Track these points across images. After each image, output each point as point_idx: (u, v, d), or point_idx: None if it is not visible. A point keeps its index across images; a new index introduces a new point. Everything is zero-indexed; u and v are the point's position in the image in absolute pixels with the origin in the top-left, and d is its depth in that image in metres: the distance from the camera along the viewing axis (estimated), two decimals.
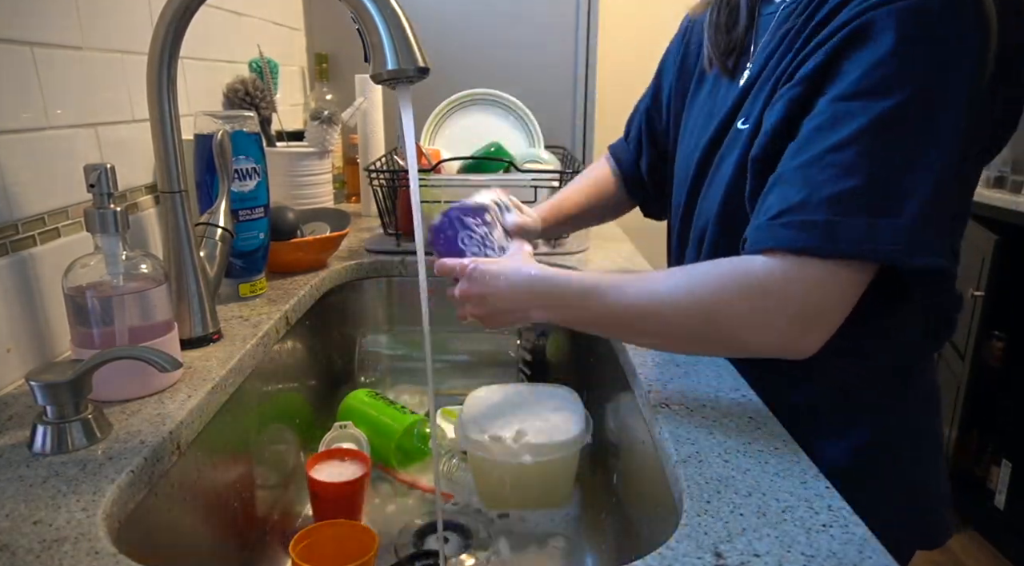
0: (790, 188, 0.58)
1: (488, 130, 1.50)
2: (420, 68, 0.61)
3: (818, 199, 0.56)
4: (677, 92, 0.88)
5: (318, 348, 1.04)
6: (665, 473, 0.57)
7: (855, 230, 0.54)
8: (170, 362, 0.56)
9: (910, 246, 0.54)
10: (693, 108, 0.83)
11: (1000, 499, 2.01)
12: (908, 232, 0.54)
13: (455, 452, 0.91)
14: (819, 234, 0.55)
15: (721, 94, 0.77)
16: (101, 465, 0.52)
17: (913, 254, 0.55)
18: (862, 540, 0.45)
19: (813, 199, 0.56)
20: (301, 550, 0.67)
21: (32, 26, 0.71)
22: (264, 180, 0.91)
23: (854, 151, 0.55)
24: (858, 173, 0.55)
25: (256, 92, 1.22)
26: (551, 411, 0.82)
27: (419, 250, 0.66)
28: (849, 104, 0.56)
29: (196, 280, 0.75)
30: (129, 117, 0.88)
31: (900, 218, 0.54)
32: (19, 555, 0.43)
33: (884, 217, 0.54)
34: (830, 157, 0.56)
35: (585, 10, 1.70)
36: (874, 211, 0.55)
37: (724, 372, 0.72)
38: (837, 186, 0.55)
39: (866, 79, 0.56)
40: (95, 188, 0.61)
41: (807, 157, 0.57)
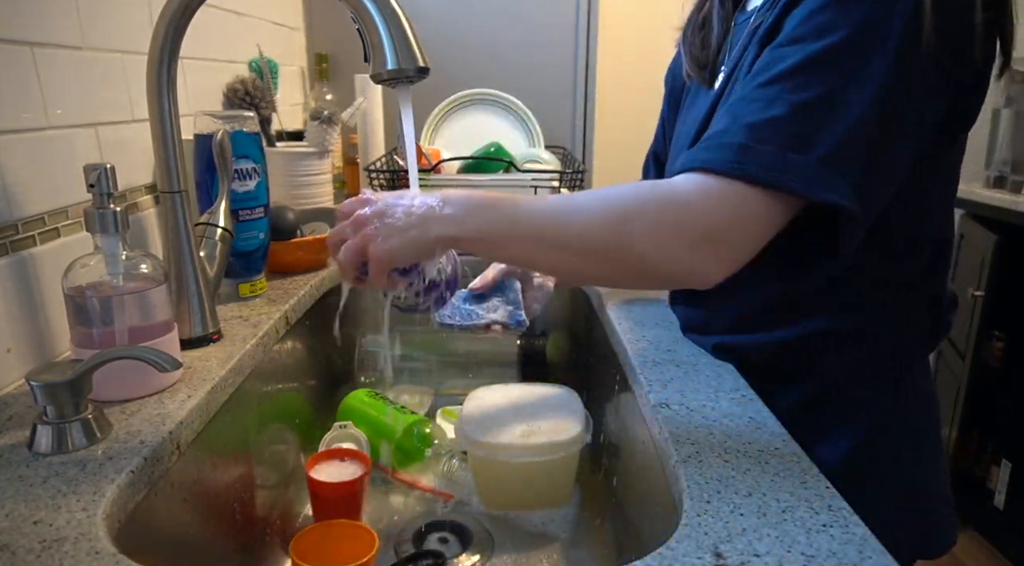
0: (719, 121, 0.61)
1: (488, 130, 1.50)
2: (420, 68, 0.61)
3: (738, 126, 0.58)
4: (670, 118, 0.90)
5: (318, 348, 1.04)
6: (665, 473, 0.57)
7: (765, 156, 0.56)
8: (170, 362, 0.56)
9: (814, 180, 0.55)
10: (680, 123, 0.85)
11: (1000, 499, 2.01)
12: (814, 167, 0.56)
13: (455, 452, 0.91)
14: (731, 154, 0.57)
15: (700, 102, 0.78)
16: (101, 465, 0.52)
17: (816, 188, 0.55)
18: (862, 540, 0.45)
19: (734, 126, 0.58)
20: (301, 550, 0.67)
21: (32, 26, 0.71)
22: (264, 180, 0.91)
23: (779, 87, 0.58)
24: (778, 106, 0.57)
25: (256, 92, 1.22)
26: (551, 411, 0.82)
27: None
28: (784, 49, 0.59)
29: (196, 280, 0.75)
30: (129, 117, 0.88)
31: (810, 154, 0.56)
32: (19, 555, 0.43)
33: (794, 151, 0.56)
34: (758, 92, 0.59)
35: (585, 10, 1.70)
36: (787, 143, 0.56)
37: (724, 372, 0.72)
38: (757, 116, 0.58)
39: (801, 27, 0.59)
40: (95, 188, 0.61)
41: (739, 94, 0.61)
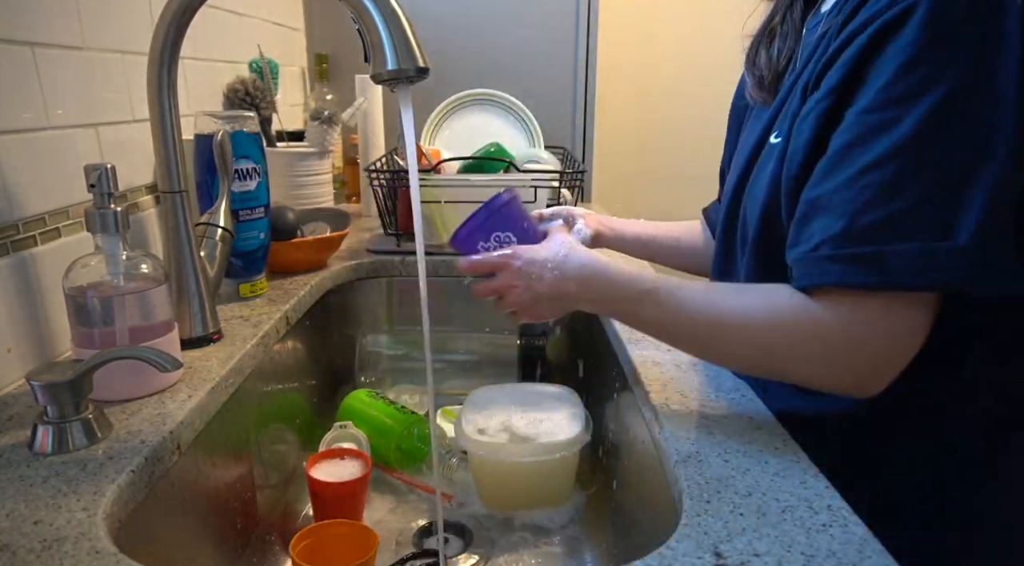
0: (829, 215, 0.53)
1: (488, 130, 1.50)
2: (420, 68, 0.61)
3: (860, 227, 0.50)
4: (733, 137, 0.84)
5: (318, 348, 1.04)
6: (665, 473, 0.57)
7: (907, 258, 0.49)
8: (170, 362, 0.56)
9: (973, 269, 0.48)
10: (742, 136, 0.79)
11: None
12: (969, 253, 0.48)
13: (455, 452, 0.91)
14: (869, 268, 0.50)
15: (763, 116, 0.70)
16: (101, 465, 0.52)
17: (978, 277, 0.49)
18: (862, 540, 0.45)
19: (856, 227, 0.51)
20: (301, 550, 0.67)
21: (32, 26, 0.71)
22: (264, 180, 0.91)
23: (892, 168, 0.50)
24: (901, 193, 0.49)
25: (256, 92, 1.22)
26: (551, 411, 0.82)
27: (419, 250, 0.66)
28: (881, 114, 0.51)
29: (196, 280, 0.75)
30: (129, 117, 0.88)
31: (957, 239, 0.48)
32: (19, 555, 0.43)
33: (939, 240, 0.48)
34: (868, 177, 0.50)
35: (585, 10, 1.69)
36: (926, 234, 0.49)
37: (724, 372, 0.72)
38: (880, 211, 0.50)
39: (895, 85, 0.50)
40: (95, 188, 0.61)
41: (843, 178, 0.52)
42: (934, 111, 0.49)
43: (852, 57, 0.53)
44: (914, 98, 0.49)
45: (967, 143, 0.49)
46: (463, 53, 1.70)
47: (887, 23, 0.51)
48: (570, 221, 0.90)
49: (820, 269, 0.53)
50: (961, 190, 0.49)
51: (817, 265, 0.53)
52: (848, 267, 0.51)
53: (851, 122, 0.53)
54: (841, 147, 0.53)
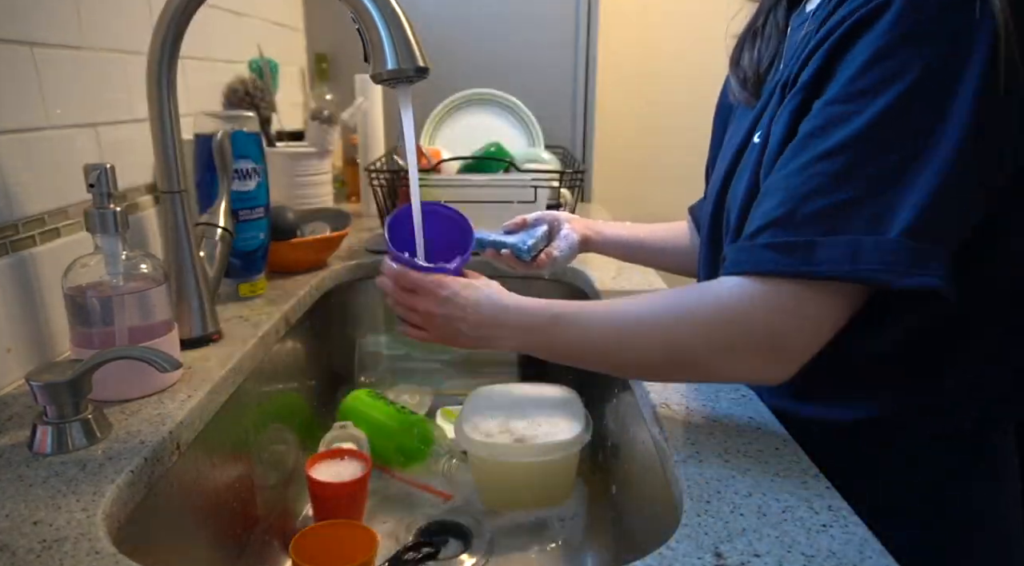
0: (773, 200, 0.54)
1: (488, 130, 1.50)
2: (420, 68, 0.61)
3: (801, 216, 0.51)
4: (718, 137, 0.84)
5: (318, 348, 1.04)
6: (665, 473, 0.57)
7: (835, 249, 0.50)
8: (170, 362, 0.56)
9: (897, 264, 0.48)
10: (727, 137, 0.78)
11: None
12: (896, 249, 0.48)
13: (455, 452, 0.91)
14: (798, 258, 0.51)
15: (748, 115, 0.71)
16: (101, 465, 0.52)
17: (901, 273, 0.48)
18: (862, 540, 0.45)
19: (797, 215, 0.51)
20: (301, 550, 0.67)
21: (32, 26, 0.71)
22: (264, 180, 0.91)
23: (844, 159, 0.50)
24: (847, 185, 0.50)
25: (256, 92, 1.22)
26: (551, 411, 0.82)
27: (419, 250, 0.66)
28: (844, 106, 0.51)
29: (196, 280, 0.75)
30: (129, 117, 0.88)
31: (888, 233, 0.49)
32: (19, 555, 0.43)
33: (870, 234, 0.49)
34: (820, 165, 0.51)
35: (585, 10, 1.70)
36: (860, 228, 0.49)
37: None
38: (823, 200, 0.51)
39: (860, 78, 0.51)
40: (95, 188, 0.61)
41: (797, 165, 0.53)
42: (892, 107, 0.49)
43: (826, 51, 0.54)
44: (874, 93, 0.50)
45: (917, 141, 0.49)
46: (463, 53, 1.70)
47: (861, 18, 0.51)
48: (555, 226, 0.90)
49: (752, 256, 0.53)
50: (903, 187, 0.49)
51: (751, 252, 0.54)
52: (780, 256, 0.52)
53: (816, 112, 0.54)
54: (803, 136, 0.54)
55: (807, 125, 0.54)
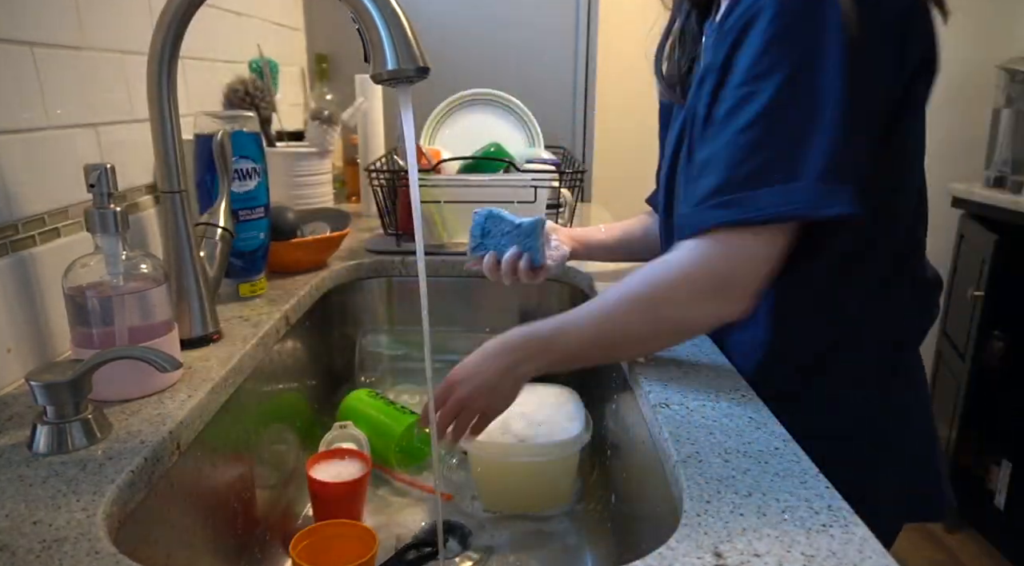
0: (709, 176, 0.65)
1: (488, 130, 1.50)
2: (420, 68, 0.61)
3: (736, 178, 0.63)
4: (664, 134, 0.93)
5: (318, 348, 1.04)
6: (665, 473, 0.57)
7: (769, 197, 0.61)
8: (170, 362, 0.56)
9: (815, 201, 0.60)
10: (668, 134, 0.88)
11: (1000, 499, 2.01)
12: (812, 190, 0.60)
13: (455, 452, 0.91)
14: (739, 209, 0.62)
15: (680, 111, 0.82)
16: (101, 465, 0.52)
17: (821, 207, 0.60)
18: (862, 540, 0.45)
19: (732, 179, 0.63)
20: (301, 550, 0.67)
21: (32, 26, 0.71)
22: (264, 180, 0.91)
23: (759, 128, 0.62)
24: (765, 148, 0.62)
25: (256, 92, 1.22)
26: (551, 411, 0.82)
27: (419, 250, 0.66)
28: (749, 87, 0.63)
29: (196, 280, 0.75)
30: (129, 117, 0.88)
31: (805, 179, 0.60)
32: (19, 555, 0.43)
33: (792, 181, 0.61)
34: (741, 137, 0.63)
35: (585, 10, 1.70)
36: (782, 179, 0.61)
37: (724, 372, 0.72)
38: (750, 164, 0.62)
39: (756, 65, 0.63)
40: (95, 188, 0.61)
41: (721, 142, 0.64)
42: (782, 86, 0.61)
43: (729, 37, 0.66)
44: (768, 75, 0.62)
45: (811, 104, 0.61)
46: (463, 53, 1.70)
47: (749, 18, 0.64)
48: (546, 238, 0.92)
49: (702, 217, 0.64)
50: (807, 141, 0.61)
51: (701, 214, 0.64)
52: (724, 211, 0.63)
53: (727, 94, 0.65)
54: (723, 114, 0.65)
55: (723, 107, 0.65)
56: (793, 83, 0.61)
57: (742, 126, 0.63)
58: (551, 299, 1.16)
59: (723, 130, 0.65)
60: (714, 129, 0.66)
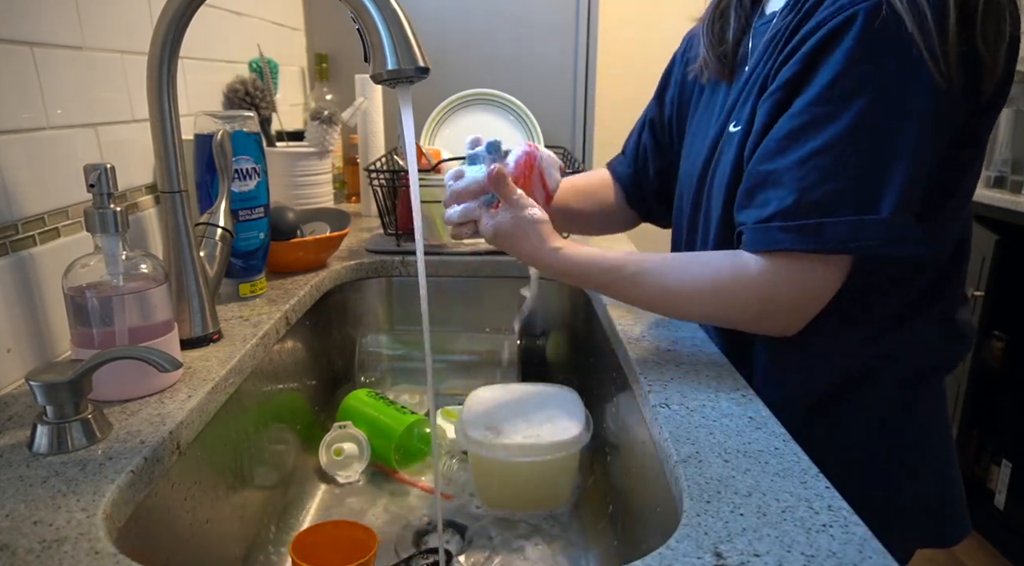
0: (782, 189, 0.63)
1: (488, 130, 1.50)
2: (420, 68, 0.61)
3: (807, 203, 0.61)
4: (679, 104, 0.91)
5: (318, 348, 1.04)
6: (665, 473, 0.57)
7: (841, 230, 0.60)
8: (170, 362, 0.56)
9: (892, 238, 0.59)
10: (695, 118, 0.85)
11: (1000, 499, 2.01)
12: (889, 225, 0.59)
13: (455, 452, 0.91)
14: (810, 237, 0.61)
15: (718, 101, 0.79)
16: (101, 465, 0.52)
17: (895, 243, 0.60)
18: (862, 540, 0.45)
19: (803, 203, 0.61)
20: (301, 550, 0.67)
21: (32, 26, 0.71)
22: (264, 180, 0.91)
23: (836, 153, 0.60)
24: (842, 175, 0.60)
25: (256, 92, 1.22)
26: (551, 411, 0.82)
27: (419, 250, 0.66)
28: (826, 108, 0.61)
29: (196, 280, 0.75)
30: (129, 117, 0.88)
31: (880, 212, 0.59)
32: (19, 555, 0.43)
33: (867, 214, 0.60)
34: (814, 161, 0.61)
35: (585, 10, 1.70)
36: (858, 210, 0.60)
37: (724, 372, 0.72)
38: (823, 189, 0.61)
39: (840, 81, 0.60)
40: (95, 188, 0.61)
41: (795, 159, 0.62)
42: (866, 109, 0.59)
43: (804, 56, 0.63)
44: (852, 96, 0.59)
45: (889, 136, 0.59)
46: (463, 53, 1.70)
47: (833, 29, 0.60)
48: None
49: (772, 238, 0.63)
50: (883, 175, 0.59)
51: (769, 234, 0.63)
52: (795, 236, 0.62)
53: (799, 110, 0.63)
54: (792, 130, 0.63)
55: (793, 122, 0.63)
56: (878, 105, 0.59)
57: (817, 149, 0.61)
58: (552, 299, 1.16)
59: (793, 148, 0.62)
60: (779, 144, 0.64)
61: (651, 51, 2.12)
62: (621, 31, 2.39)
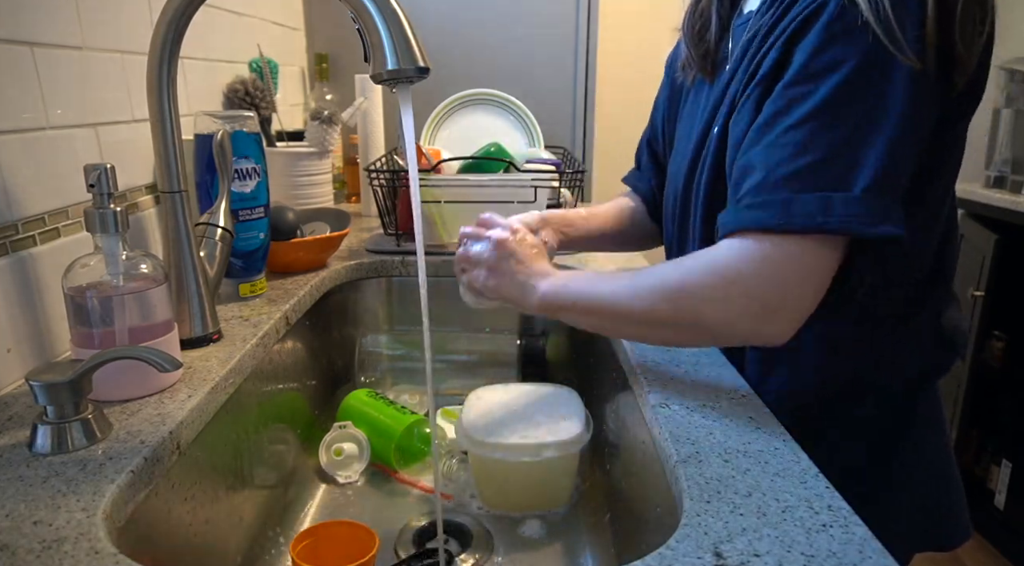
0: (752, 174, 0.60)
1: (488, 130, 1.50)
2: (420, 68, 0.61)
3: (775, 178, 0.58)
4: (669, 112, 0.90)
5: (318, 348, 1.04)
6: (665, 473, 0.57)
7: (809, 204, 0.56)
8: (170, 362, 0.56)
9: (864, 216, 0.56)
10: (682, 120, 0.85)
11: (1000, 499, 2.01)
12: (861, 203, 0.56)
13: (455, 452, 0.91)
14: (775, 212, 0.57)
15: (701, 103, 0.78)
16: (101, 465, 0.52)
17: (868, 224, 0.56)
18: (862, 540, 0.45)
19: (771, 178, 0.58)
20: (301, 550, 0.67)
21: (32, 26, 0.71)
22: (264, 180, 0.91)
23: (808, 128, 0.57)
24: (812, 150, 0.57)
25: (256, 92, 1.22)
26: (551, 411, 0.82)
27: (419, 250, 0.66)
28: (801, 87, 0.58)
29: (196, 280, 0.75)
30: (129, 117, 0.88)
31: (853, 190, 0.56)
32: (19, 555, 0.43)
33: (837, 191, 0.56)
34: (787, 136, 0.58)
35: (585, 10, 1.70)
36: (828, 185, 0.56)
37: (724, 372, 0.72)
38: (793, 164, 0.57)
39: (813, 61, 0.58)
40: (95, 188, 0.61)
41: (766, 141, 0.60)
42: (840, 85, 0.56)
43: (781, 45, 0.62)
44: (825, 73, 0.57)
45: (865, 113, 0.56)
46: (463, 53, 1.70)
47: (807, 16, 0.60)
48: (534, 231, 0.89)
49: (737, 217, 0.60)
50: (859, 151, 0.56)
51: (736, 214, 0.60)
52: (760, 213, 0.58)
53: (777, 94, 0.61)
54: (769, 115, 0.61)
55: (771, 106, 0.61)
56: (852, 82, 0.56)
57: (790, 124, 0.58)
58: None
59: (769, 130, 0.60)
60: (756, 132, 0.61)
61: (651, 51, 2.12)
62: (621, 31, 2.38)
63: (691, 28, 0.80)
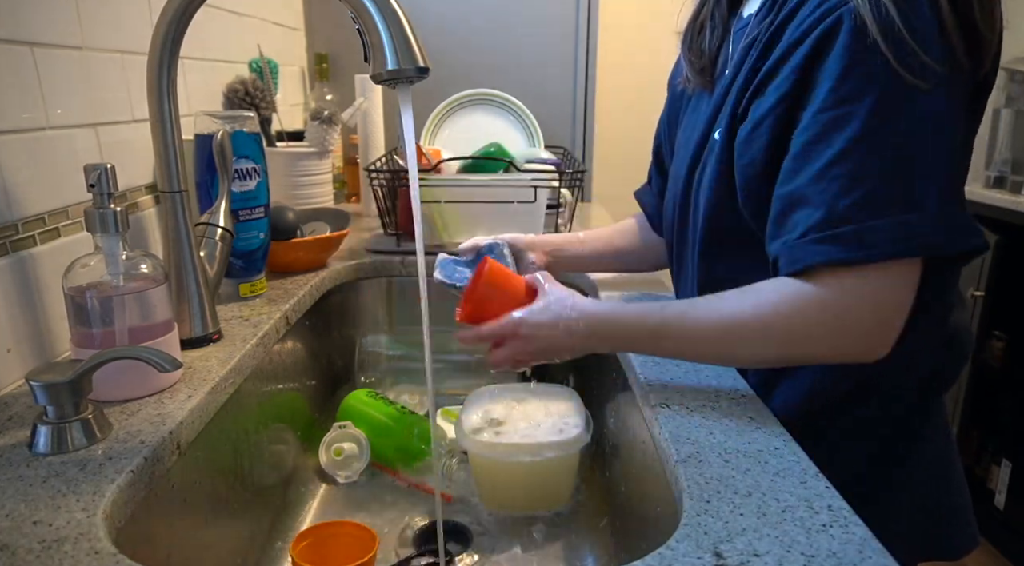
0: (808, 206, 0.58)
1: (488, 130, 1.50)
2: (420, 68, 0.61)
3: (839, 211, 0.56)
4: (671, 122, 0.90)
5: (318, 348, 1.04)
6: (665, 473, 0.57)
7: (884, 232, 0.55)
8: (170, 362, 0.56)
9: (943, 231, 0.55)
10: (683, 128, 0.84)
11: (1000, 499, 2.01)
12: (938, 219, 0.55)
13: (455, 452, 0.91)
14: (850, 245, 0.56)
15: (701, 109, 0.78)
16: (101, 465, 0.52)
17: (949, 238, 0.55)
18: (862, 540, 0.45)
19: (835, 212, 0.56)
20: (301, 550, 0.67)
21: (32, 26, 0.71)
22: (264, 180, 0.91)
23: (854, 159, 0.56)
24: (866, 179, 0.56)
25: (256, 92, 1.22)
26: (551, 411, 0.82)
27: (419, 250, 0.66)
28: (834, 112, 0.57)
29: (196, 280, 0.75)
30: (129, 117, 0.88)
31: (926, 208, 0.55)
32: (19, 555, 0.43)
33: (910, 212, 0.55)
34: (835, 169, 0.56)
35: (585, 10, 1.69)
36: (897, 209, 0.55)
37: (724, 372, 0.72)
38: (852, 195, 0.56)
39: (841, 86, 0.56)
40: (95, 188, 0.61)
41: (813, 172, 0.58)
42: (877, 105, 0.55)
43: (797, 66, 0.60)
44: (859, 96, 0.56)
45: (908, 129, 0.55)
46: (463, 53, 1.70)
47: (822, 35, 0.58)
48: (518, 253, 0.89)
49: (807, 252, 0.58)
50: (917, 167, 0.55)
51: (803, 249, 0.58)
52: (832, 247, 0.56)
53: (808, 122, 0.59)
54: (804, 144, 0.59)
55: (804, 135, 0.59)
56: (887, 101, 0.55)
57: (834, 156, 0.56)
58: None
59: (809, 162, 0.58)
60: (795, 162, 0.60)
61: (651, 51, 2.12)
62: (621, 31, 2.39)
63: (690, 42, 0.80)
